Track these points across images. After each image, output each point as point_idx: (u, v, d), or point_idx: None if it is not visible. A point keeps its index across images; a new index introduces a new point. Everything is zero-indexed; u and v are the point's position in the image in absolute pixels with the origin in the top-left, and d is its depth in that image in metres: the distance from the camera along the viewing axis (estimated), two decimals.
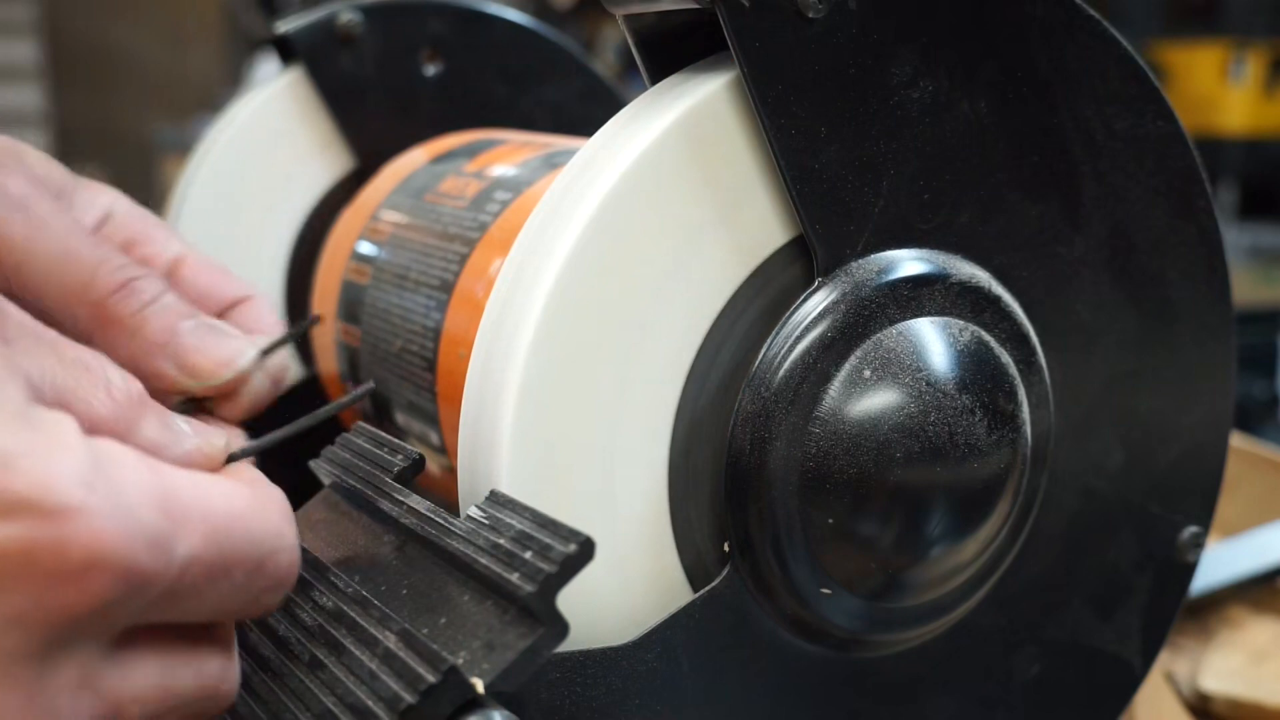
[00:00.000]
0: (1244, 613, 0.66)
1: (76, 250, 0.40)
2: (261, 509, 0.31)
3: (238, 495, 0.31)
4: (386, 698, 0.30)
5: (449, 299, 0.47)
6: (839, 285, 0.39)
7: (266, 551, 0.31)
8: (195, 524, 0.29)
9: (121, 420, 0.32)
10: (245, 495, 0.31)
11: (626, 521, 0.38)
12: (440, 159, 0.57)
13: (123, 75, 3.68)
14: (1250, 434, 0.97)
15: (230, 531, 0.30)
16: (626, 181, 0.37)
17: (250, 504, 0.31)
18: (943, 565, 0.40)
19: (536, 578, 0.31)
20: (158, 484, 0.29)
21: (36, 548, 0.26)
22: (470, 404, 0.38)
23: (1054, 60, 0.41)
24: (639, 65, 0.41)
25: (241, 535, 0.30)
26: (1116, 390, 0.45)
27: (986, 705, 0.45)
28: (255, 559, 0.31)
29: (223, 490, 0.31)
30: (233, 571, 0.30)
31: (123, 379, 0.33)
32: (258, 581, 0.31)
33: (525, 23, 0.65)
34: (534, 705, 0.35)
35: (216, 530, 0.30)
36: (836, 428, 0.38)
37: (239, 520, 0.30)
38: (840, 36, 0.38)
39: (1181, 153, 0.44)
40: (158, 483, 0.29)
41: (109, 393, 0.32)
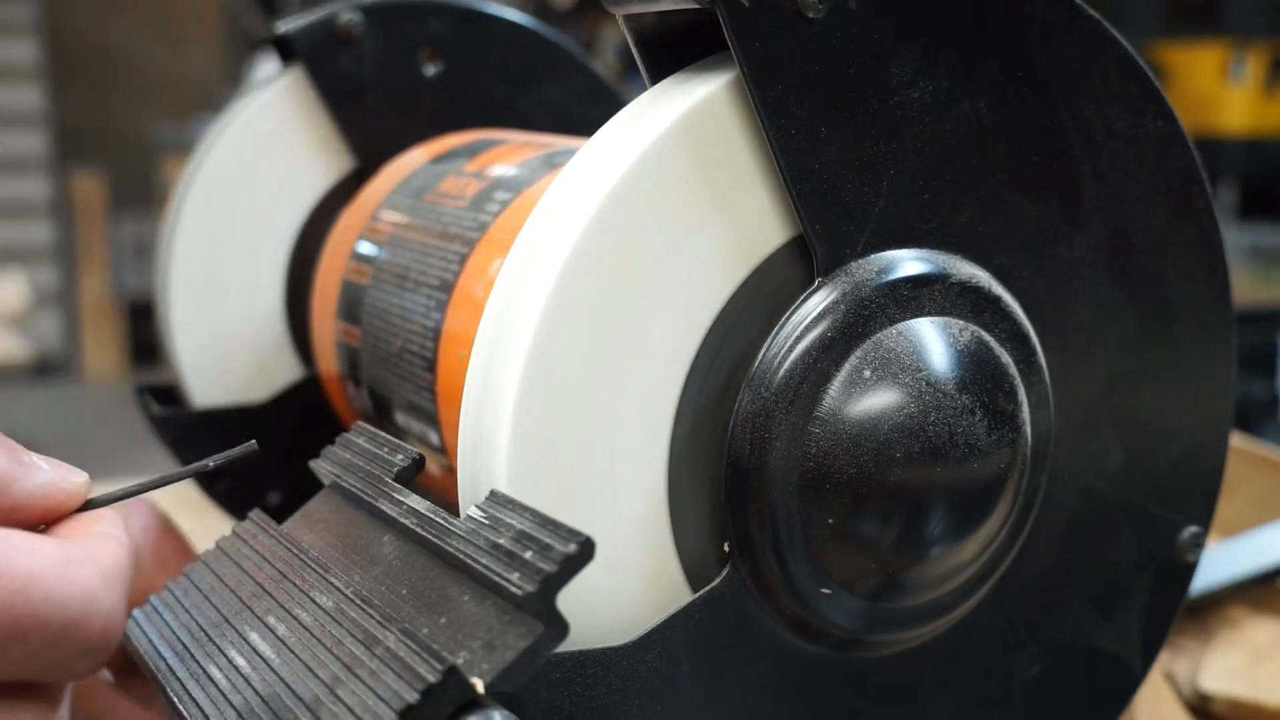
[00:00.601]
0: (1244, 613, 0.66)
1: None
2: (72, 572, 0.30)
3: (48, 556, 0.30)
4: (386, 697, 0.30)
5: (449, 299, 0.47)
6: (839, 285, 0.39)
7: (72, 617, 0.30)
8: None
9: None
10: (57, 557, 0.30)
11: (626, 521, 0.38)
12: (440, 159, 0.57)
13: (123, 75, 3.68)
14: (1250, 434, 0.97)
15: (27, 593, 0.29)
16: (627, 182, 0.37)
17: (60, 565, 0.30)
18: (943, 565, 0.40)
19: (536, 578, 0.31)
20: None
21: None
22: (470, 404, 0.38)
23: (1054, 60, 0.41)
24: (639, 65, 0.41)
25: (40, 599, 0.29)
26: (1116, 390, 0.45)
27: (986, 705, 0.45)
28: (58, 624, 0.30)
29: (29, 549, 0.29)
30: (29, 635, 0.29)
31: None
32: (63, 647, 0.30)
33: (525, 23, 0.65)
34: (534, 705, 0.35)
35: (13, 594, 0.29)
36: (836, 428, 0.38)
37: (39, 583, 0.29)
38: (840, 36, 0.38)
39: (1181, 153, 0.44)
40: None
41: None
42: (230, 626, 0.36)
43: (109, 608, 0.31)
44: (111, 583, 0.31)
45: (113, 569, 0.32)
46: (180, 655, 0.37)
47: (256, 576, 0.37)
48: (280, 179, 0.62)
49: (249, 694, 0.33)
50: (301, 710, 0.32)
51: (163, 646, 0.37)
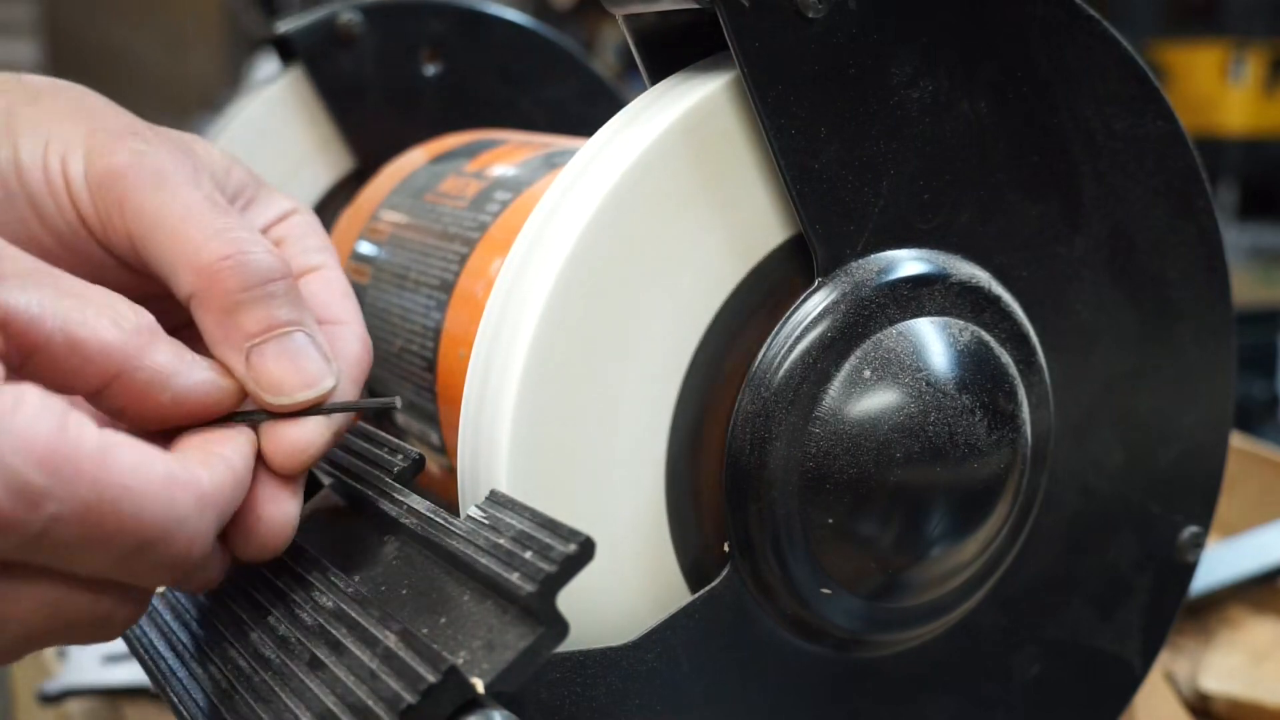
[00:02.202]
0: (1244, 613, 0.66)
1: (199, 216, 0.37)
2: (168, 492, 0.31)
3: (150, 472, 0.31)
4: (387, 697, 0.30)
5: (449, 299, 0.47)
6: (839, 285, 0.39)
7: (156, 534, 0.31)
8: (78, 487, 0.29)
9: (130, 345, 0.33)
10: (159, 474, 0.31)
11: (626, 521, 0.38)
12: (440, 159, 0.57)
13: (123, 75, 3.68)
14: (1250, 434, 0.97)
15: (117, 505, 0.30)
16: (626, 181, 0.37)
17: (158, 484, 0.31)
18: (943, 565, 0.40)
19: (536, 578, 0.31)
20: (53, 440, 0.29)
21: None
22: (470, 404, 0.38)
23: (1054, 60, 0.41)
24: (639, 65, 0.41)
25: (130, 512, 0.30)
26: (1116, 390, 0.45)
27: (986, 705, 0.45)
28: (143, 538, 0.31)
29: (133, 463, 0.30)
30: (112, 541, 0.30)
31: (132, 310, 0.34)
32: (146, 558, 0.31)
33: (525, 23, 0.65)
34: (534, 705, 0.35)
35: (101, 500, 0.30)
36: (836, 428, 0.38)
37: (131, 498, 0.30)
38: (840, 36, 0.38)
39: (1181, 153, 0.44)
40: (55, 439, 0.29)
41: (115, 321, 0.33)
42: (231, 627, 0.36)
43: (196, 531, 0.32)
44: (205, 508, 0.32)
45: (210, 494, 0.32)
46: (181, 655, 0.37)
47: (257, 577, 0.37)
48: (280, 179, 0.62)
49: (249, 695, 0.33)
50: (302, 711, 0.32)
51: (163, 646, 0.37)
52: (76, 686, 0.66)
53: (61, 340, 0.32)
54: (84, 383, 0.33)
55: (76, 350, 0.32)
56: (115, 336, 0.33)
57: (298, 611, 0.35)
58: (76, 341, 0.32)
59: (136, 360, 0.33)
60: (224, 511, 0.33)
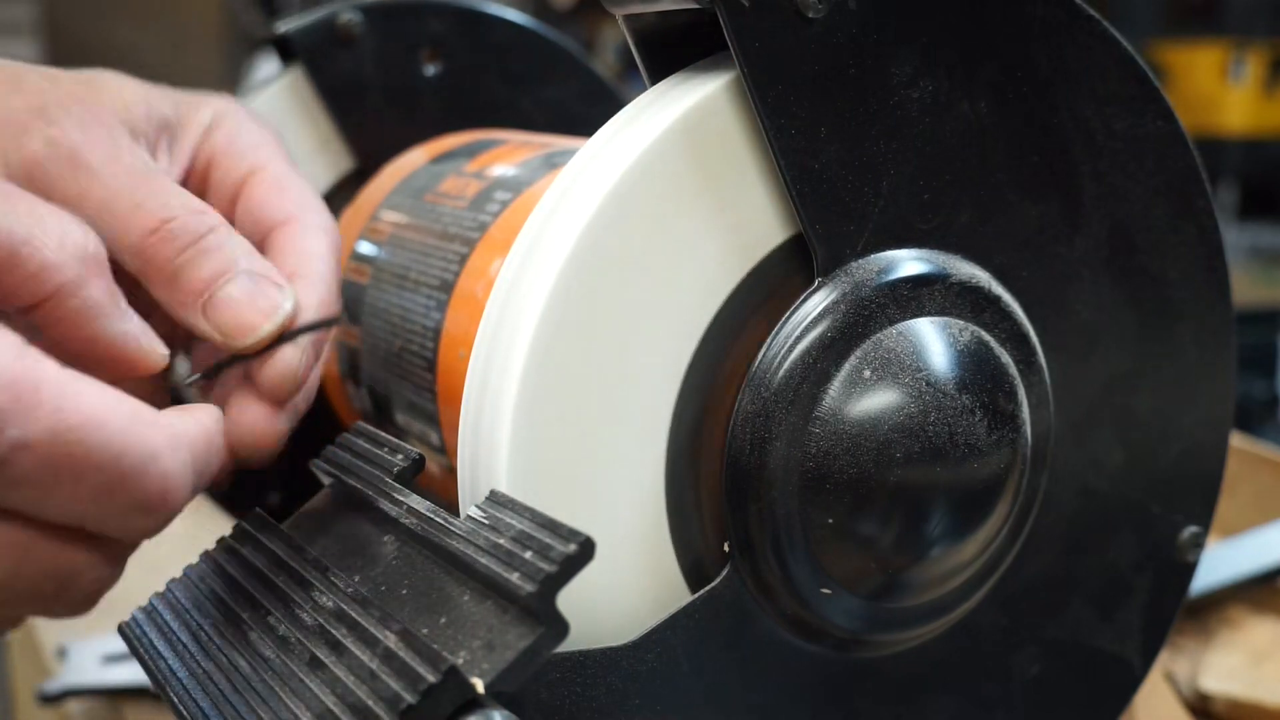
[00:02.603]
0: (1244, 613, 0.66)
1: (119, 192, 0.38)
2: (138, 426, 0.31)
3: (116, 407, 0.31)
4: (387, 697, 0.30)
5: (449, 299, 0.47)
6: (839, 285, 0.39)
7: (128, 467, 0.31)
8: (40, 413, 0.29)
9: (68, 270, 0.33)
10: (125, 411, 0.31)
11: (626, 521, 0.38)
12: (440, 159, 0.57)
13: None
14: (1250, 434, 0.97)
15: (84, 433, 0.30)
16: (626, 181, 0.37)
17: (125, 418, 0.31)
18: (943, 565, 0.40)
19: (536, 577, 0.31)
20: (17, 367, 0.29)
21: None
22: (470, 404, 0.38)
23: (1054, 60, 0.41)
24: (639, 65, 0.41)
25: (97, 442, 0.30)
26: (1116, 390, 0.45)
27: (986, 705, 0.45)
28: (112, 471, 0.30)
29: (98, 398, 0.30)
30: (80, 477, 0.30)
31: (83, 235, 0.34)
32: (118, 497, 0.31)
33: (525, 23, 0.65)
34: (534, 705, 0.35)
35: (67, 427, 0.29)
36: (836, 428, 0.38)
37: (99, 428, 0.30)
38: (840, 36, 0.38)
39: (1181, 153, 0.44)
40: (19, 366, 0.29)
41: (61, 243, 0.33)
42: (231, 627, 0.36)
43: (169, 470, 0.32)
44: (179, 448, 0.32)
45: (183, 437, 0.33)
46: (181, 655, 0.37)
47: (257, 577, 0.37)
48: None
49: (249, 695, 0.33)
50: (302, 711, 0.32)
51: (163, 646, 0.37)
52: (76, 686, 0.66)
53: (4, 254, 0.32)
54: (17, 299, 0.33)
55: (16, 265, 0.33)
56: (55, 259, 0.33)
57: (298, 611, 0.35)
58: (16, 258, 0.33)
59: (71, 287, 0.34)
60: (199, 455, 0.33)
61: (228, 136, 0.45)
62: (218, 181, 0.44)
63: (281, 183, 0.44)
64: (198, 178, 0.45)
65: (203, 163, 0.45)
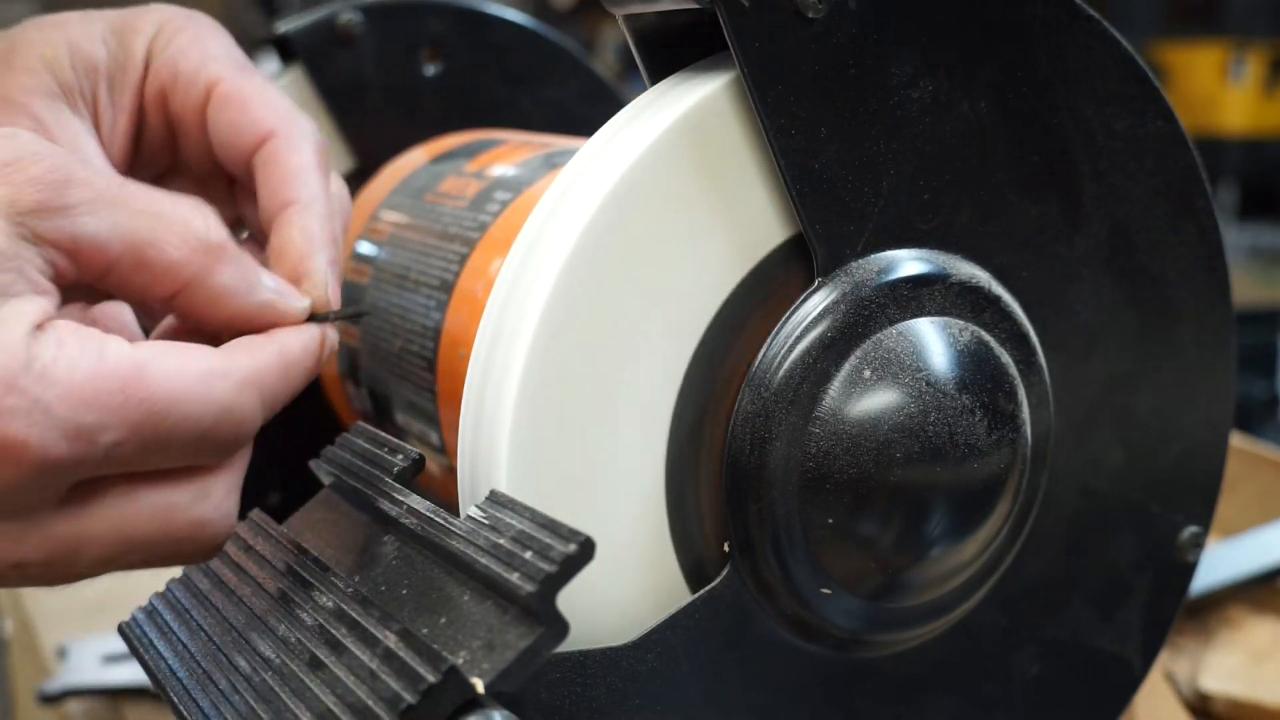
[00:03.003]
0: (1244, 613, 0.66)
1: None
2: (210, 386, 0.34)
3: (185, 374, 0.33)
4: (387, 697, 0.30)
5: (449, 299, 0.47)
6: (839, 285, 0.39)
7: (206, 427, 0.34)
8: (126, 413, 0.32)
9: (194, 263, 0.35)
10: (194, 372, 0.33)
11: (626, 521, 0.38)
12: (440, 159, 0.57)
13: None
14: (1250, 434, 0.97)
15: (166, 414, 0.32)
16: (626, 181, 0.37)
17: (194, 382, 0.33)
18: (943, 565, 0.40)
19: (536, 577, 0.31)
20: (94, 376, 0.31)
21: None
22: (470, 404, 0.38)
23: (1054, 60, 0.41)
24: (639, 65, 0.41)
25: (177, 418, 0.33)
26: (1116, 390, 0.45)
27: (986, 705, 0.45)
28: (194, 434, 0.33)
29: (168, 370, 0.33)
30: (170, 445, 0.33)
31: (205, 226, 0.35)
32: (200, 448, 0.34)
33: (525, 23, 0.65)
34: (534, 705, 0.35)
35: (151, 415, 0.32)
36: (836, 428, 0.38)
37: (177, 404, 0.33)
38: (840, 36, 0.38)
39: (1181, 153, 0.44)
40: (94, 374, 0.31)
41: (184, 239, 0.35)
42: (231, 627, 0.36)
43: (240, 415, 0.35)
44: (244, 391, 0.35)
45: (250, 377, 0.35)
46: (181, 656, 0.37)
47: (257, 577, 0.37)
48: None
49: (249, 695, 0.33)
50: (302, 711, 0.32)
51: (164, 647, 0.37)
52: (76, 686, 0.66)
53: (130, 260, 0.34)
54: (153, 295, 0.36)
55: (143, 267, 0.35)
56: (180, 255, 0.35)
57: (298, 611, 0.35)
58: (143, 260, 0.34)
59: (200, 278, 0.35)
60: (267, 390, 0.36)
61: (173, 59, 0.43)
62: (179, 114, 0.43)
63: (244, 93, 0.42)
64: (155, 117, 0.44)
65: (155, 96, 0.43)
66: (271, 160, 0.41)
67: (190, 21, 0.44)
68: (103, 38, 0.43)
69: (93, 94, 0.42)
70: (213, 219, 0.36)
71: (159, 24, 0.43)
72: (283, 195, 0.41)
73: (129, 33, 0.43)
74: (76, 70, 0.42)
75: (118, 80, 0.43)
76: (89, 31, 0.42)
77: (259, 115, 0.42)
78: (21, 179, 0.32)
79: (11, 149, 0.32)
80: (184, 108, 0.43)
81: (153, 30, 0.43)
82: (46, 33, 0.42)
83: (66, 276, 0.33)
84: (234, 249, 0.36)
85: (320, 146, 0.42)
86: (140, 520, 0.34)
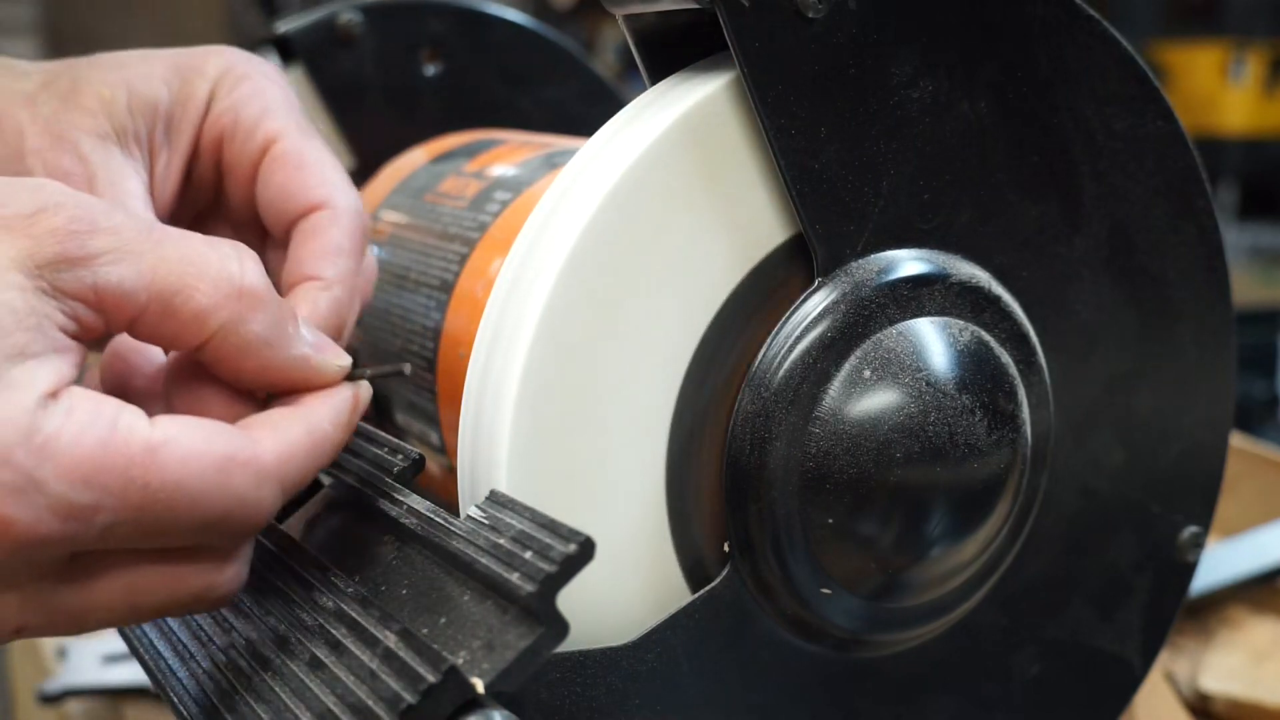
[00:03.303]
0: (1244, 613, 0.66)
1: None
2: (225, 475, 0.31)
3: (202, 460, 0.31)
4: (387, 697, 0.30)
5: (449, 299, 0.47)
6: (839, 285, 0.39)
7: (216, 517, 0.32)
8: (127, 495, 0.30)
9: (224, 311, 0.33)
10: (214, 458, 0.31)
11: (626, 521, 0.38)
12: (440, 159, 0.57)
13: None
14: (1250, 434, 0.97)
15: (171, 501, 0.31)
16: (626, 181, 0.37)
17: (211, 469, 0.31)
18: (943, 565, 0.40)
19: (536, 578, 0.31)
20: (99, 453, 0.30)
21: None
22: (470, 404, 0.38)
23: (1054, 60, 0.41)
24: (639, 65, 0.41)
25: (185, 506, 0.31)
26: (1116, 390, 0.45)
27: (986, 705, 0.45)
28: (201, 523, 0.31)
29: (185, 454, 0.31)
30: (172, 530, 0.31)
31: (238, 269, 0.33)
32: (208, 535, 0.32)
33: (525, 23, 0.65)
34: (534, 705, 0.35)
35: (155, 500, 0.30)
36: (836, 428, 0.38)
37: (184, 491, 0.31)
38: (840, 36, 0.38)
39: (1181, 153, 0.44)
40: (100, 452, 0.30)
41: (215, 285, 0.33)
42: (231, 627, 0.36)
43: (257, 508, 0.32)
44: (263, 483, 0.33)
45: (271, 466, 0.33)
46: (181, 655, 0.37)
47: (257, 577, 0.37)
48: None
49: (249, 694, 0.33)
50: (301, 711, 0.32)
51: (163, 646, 0.37)
52: (76, 686, 0.66)
53: (157, 308, 0.32)
54: (182, 344, 0.34)
55: (171, 315, 0.33)
56: (209, 301, 0.33)
57: (298, 611, 0.35)
58: (170, 308, 0.33)
59: (230, 326, 0.34)
60: (289, 478, 0.34)
61: (234, 107, 0.43)
62: (232, 162, 0.43)
63: (301, 158, 0.42)
64: (208, 160, 0.44)
65: (211, 141, 0.43)
66: (313, 232, 0.41)
67: (254, 68, 0.44)
68: (164, 78, 0.43)
69: (149, 134, 0.42)
70: (250, 264, 0.34)
71: (224, 68, 0.43)
72: (311, 268, 0.40)
73: (193, 74, 0.43)
74: (133, 111, 0.42)
75: (177, 119, 0.43)
76: (149, 72, 0.43)
77: (312, 185, 0.42)
78: (42, 230, 0.31)
79: (34, 200, 0.31)
80: (238, 157, 0.43)
81: (217, 74, 0.43)
82: (106, 73, 0.42)
83: (94, 330, 0.32)
84: (271, 297, 0.34)
85: (363, 225, 0.42)
86: (146, 590, 0.32)
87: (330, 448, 0.35)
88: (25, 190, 0.32)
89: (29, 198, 0.31)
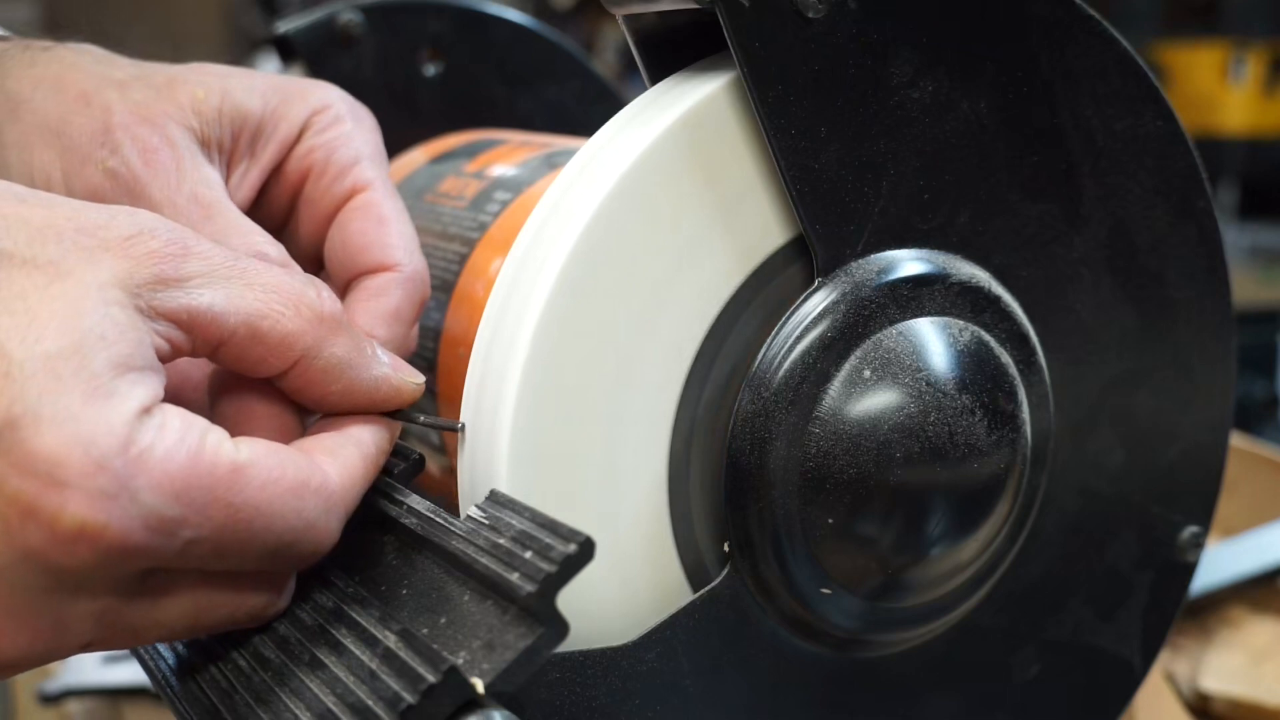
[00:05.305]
0: (1244, 613, 0.66)
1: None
2: (299, 501, 0.32)
3: (278, 486, 0.32)
4: (387, 697, 0.30)
5: (449, 299, 0.47)
6: (839, 285, 0.39)
7: (289, 540, 0.32)
8: (212, 513, 0.31)
9: (308, 336, 0.35)
10: (288, 484, 0.32)
11: (626, 521, 0.38)
12: (440, 159, 0.57)
13: None
14: (1250, 434, 0.97)
15: (250, 523, 0.31)
16: (626, 182, 0.37)
17: (287, 495, 0.32)
18: (943, 565, 0.40)
19: (536, 577, 0.31)
20: (189, 470, 0.30)
21: (37, 509, 0.29)
22: (470, 404, 0.38)
23: (1054, 60, 0.41)
24: (639, 65, 0.41)
25: (261, 527, 0.32)
26: (1116, 390, 0.45)
27: (986, 705, 0.45)
28: (274, 546, 0.32)
29: (264, 479, 0.32)
30: (247, 551, 0.32)
31: (317, 297, 0.35)
32: (278, 559, 0.33)
33: (525, 23, 0.65)
34: (534, 705, 0.35)
35: (236, 521, 0.31)
36: (836, 428, 0.38)
37: (262, 515, 0.32)
38: (840, 36, 0.38)
39: (1181, 153, 0.44)
40: (189, 469, 0.30)
41: (298, 311, 0.34)
42: None
43: (325, 531, 0.34)
44: (332, 509, 0.34)
45: (337, 494, 0.34)
46: (181, 656, 0.37)
47: None
48: None
49: (249, 694, 0.33)
50: (301, 711, 0.32)
51: (163, 647, 0.37)
52: (76, 686, 0.66)
53: (245, 333, 0.34)
54: (267, 368, 0.35)
55: (258, 341, 0.34)
56: (295, 327, 0.34)
57: (298, 611, 0.35)
58: (258, 333, 0.34)
59: (314, 351, 0.35)
60: (349, 505, 0.35)
61: (329, 144, 0.44)
62: (313, 197, 0.44)
63: (383, 214, 0.43)
64: (288, 186, 0.44)
65: (296, 170, 0.44)
66: (378, 291, 0.41)
67: (353, 111, 0.45)
68: (263, 92, 0.43)
69: (232, 143, 0.43)
70: (326, 292, 0.35)
71: (326, 101, 0.44)
72: (369, 326, 0.40)
73: (294, 96, 0.44)
74: (222, 117, 0.42)
75: (265, 133, 0.43)
76: (250, 84, 0.43)
77: (388, 243, 0.42)
78: (140, 252, 0.32)
79: (133, 224, 0.32)
80: (322, 195, 0.43)
81: (318, 104, 0.44)
82: (205, 75, 0.43)
83: (181, 352, 0.33)
84: (348, 322, 0.36)
85: (425, 295, 0.42)
86: (208, 609, 0.33)
87: (369, 480, 0.36)
88: (124, 214, 0.33)
89: (127, 220, 0.32)
